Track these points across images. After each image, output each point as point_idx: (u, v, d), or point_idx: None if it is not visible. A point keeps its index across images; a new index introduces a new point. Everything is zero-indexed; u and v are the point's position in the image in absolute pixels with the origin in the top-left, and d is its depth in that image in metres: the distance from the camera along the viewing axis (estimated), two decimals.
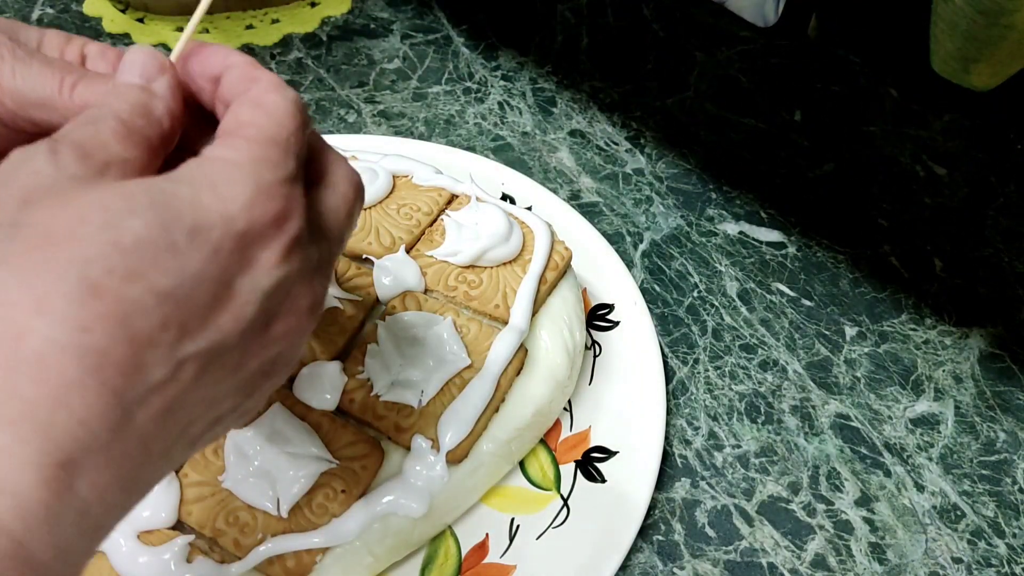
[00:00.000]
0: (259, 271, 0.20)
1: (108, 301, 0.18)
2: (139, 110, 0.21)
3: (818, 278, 0.49)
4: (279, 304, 0.21)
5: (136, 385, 0.18)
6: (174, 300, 0.19)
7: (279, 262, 0.20)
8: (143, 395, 0.18)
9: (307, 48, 0.63)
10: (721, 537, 0.39)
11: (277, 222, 0.20)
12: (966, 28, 0.39)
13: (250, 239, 0.20)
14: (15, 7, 0.65)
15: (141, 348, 0.18)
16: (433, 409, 0.36)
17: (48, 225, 0.18)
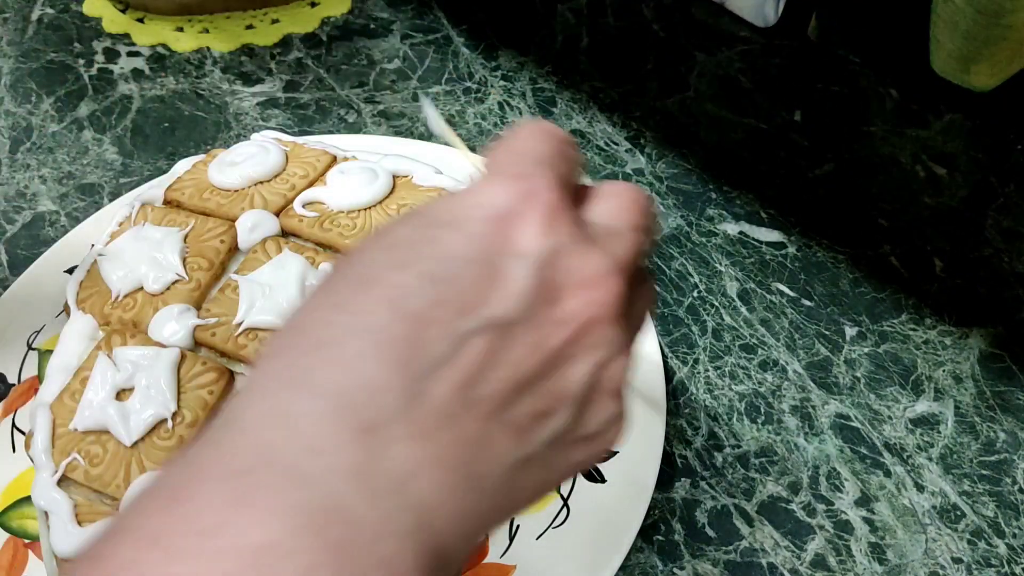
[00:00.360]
0: (521, 246, 0.21)
1: (383, 287, 0.20)
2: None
3: (818, 278, 0.49)
4: (556, 276, 0.21)
5: (420, 358, 0.19)
6: (442, 281, 0.20)
7: (539, 234, 0.21)
8: (430, 368, 0.19)
9: (307, 48, 0.63)
10: (721, 537, 0.39)
11: (527, 198, 0.21)
12: (966, 28, 0.39)
13: (505, 219, 0.21)
14: (15, 7, 0.65)
15: (418, 325, 0.20)
16: None
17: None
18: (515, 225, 0.21)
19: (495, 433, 0.20)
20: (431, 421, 0.19)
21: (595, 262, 0.21)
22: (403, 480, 0.19)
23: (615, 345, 0.22)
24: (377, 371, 0.19)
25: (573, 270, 0.21)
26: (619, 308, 0.21)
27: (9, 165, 0.54)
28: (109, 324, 0.38)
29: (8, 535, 0.38)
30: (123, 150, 0.55)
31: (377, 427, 0.19)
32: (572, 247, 0.21)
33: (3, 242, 0.50)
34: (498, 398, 0.20)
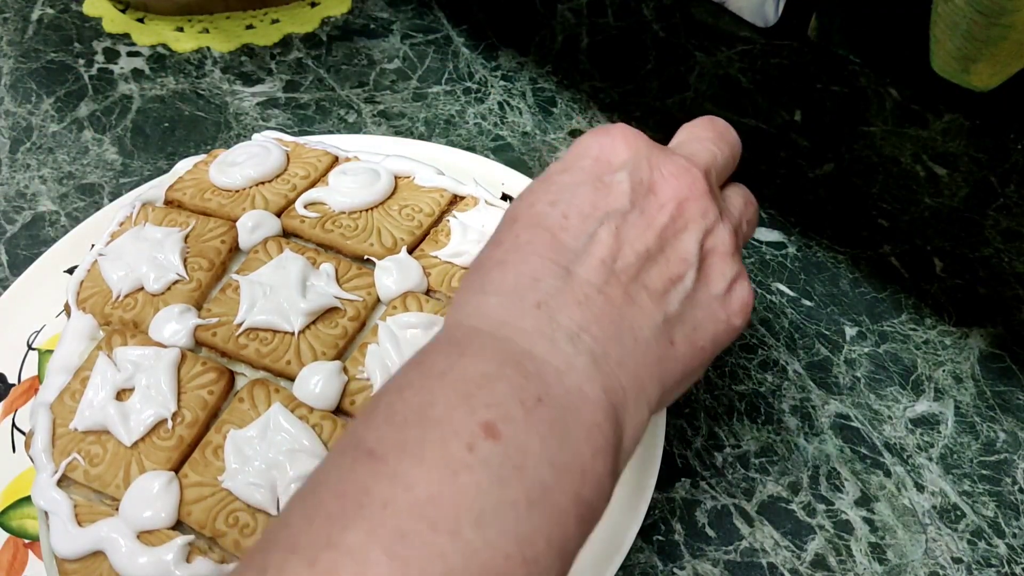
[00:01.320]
0: (615, 163, 0.28)
1: (525, 217, 0.27)
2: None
3: (818, 278, 0.49)
4: (647, 175, 0.28)
5: (564, 252, 0.26)
6: (563, 202, 0.27)
7: (625, 152, 0.28)
8: (574, 257, 0.26)
9: (307, 48, 0.63)
10: (721, 537, 0.39)
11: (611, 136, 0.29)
12: (966, 28, 0.39)
13: (598, 152, 0.29)
14: (15, 7, 0.65)
15: (555, 233, 0.27)
16: None
17: None
18: (606, 153, 0.29)
19: (638, 296, 0.26)
20: (585, 291, 0.25)
21: (675, 160, 0.28)
22: (574, 334, 0.24)
23: (712, 214, 0.28)
24: (534, 268, 0.26)
25: (659, 167, 0.28)
26: (705, 187, 0.28)
27: (9, 165, 0.54)
28: (109, 324, 0.38)
29: (8, 535, 0.38)
30: (123, 150, 0.55)
31: (544, 301, 0.25)
32: (654, 155, 0.28)
33: (3, 242, 0.50)
34: (632, 268, 0.26)
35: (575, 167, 0.29)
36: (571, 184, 0.28)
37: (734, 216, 0.30)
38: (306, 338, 0.36)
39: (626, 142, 0.29)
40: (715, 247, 0.28)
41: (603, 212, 0.27)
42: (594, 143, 0.29)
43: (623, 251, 0.26)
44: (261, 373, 0.36)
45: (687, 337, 0.27)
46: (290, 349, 0.36)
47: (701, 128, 0.31)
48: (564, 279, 0.25)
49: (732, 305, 0.28)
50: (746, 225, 0.31)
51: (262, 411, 0.35)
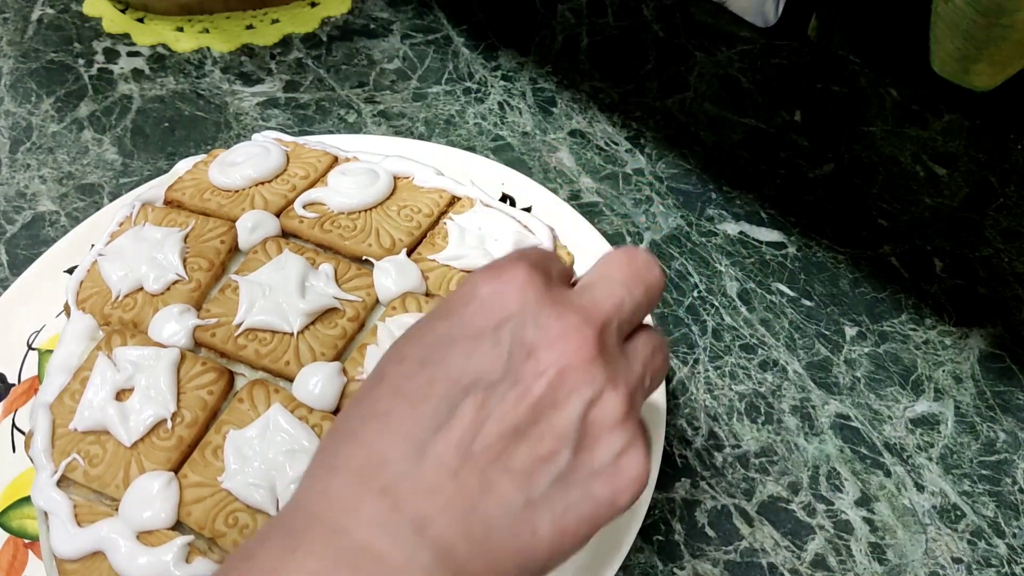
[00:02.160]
0: (496, 319, 0.25)
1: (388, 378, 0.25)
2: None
3: (818, 278, 0.49)
4: (529, 336, 0.25)
5: (420, 428, 0.24)
6: (431, 363, 0.25)
7: (510, 306, 0.25)
8: (430, 433, 0.24)
9: (307, 48, 0.63)
10: (721, 537, 0.39)
11: (501, 281, 0.26)
12: (966, 28, 0.39)
13: (482, 301, 0.26)
14: (15, 7, 0.65)
15: (415, 402, 0.24)
16: None
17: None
18: (490, 304, 0.25)
19: (498, 480, 0.23)
20: (436, 477, 0.23)
21: (565, 319, 0.25)
22: (420, 526, 0.23)
23: (600, 381, 0.24)
24: (386, 446, 0.24)
25: (544, 328, 0.25)
26: (593, 352, 0.25)
27: (9, 165, 0.54)
28: (109, 324, 0.38)
29: (8, 535, 0.38)
30: (123, 150, 0.55)
31: (391, 487, 0.23)
32: (542, 309, 0.25)
33: (3, 242, 0.50)
34: (493, 450, 0.24)
35: (457, 314, 0.26)
36: (445, 339, 0.25)
37: (633, 375, 0.26)
38: (305, 338, 0.36)
39: (517, 290, 0.25)
40: (601, 418, 0.25)
41: (471, 380, 0.24)
42: (484, 286, 0.26)
43: (486, 429, 0.24)
44: (260, 373, 0.36)
45: (555, 522, 0.24)
46: (289, 349, 0.36)
47: (617, 266, 0.27)
48: (416, 461, 0.23)
49: (618, 482, 0.25)
50: (649, 380, 0.27)
51: (262, 411, 0.35)
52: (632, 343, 0.27)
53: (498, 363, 0.24)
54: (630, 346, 0.27)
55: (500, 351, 0.25)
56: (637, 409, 0.26)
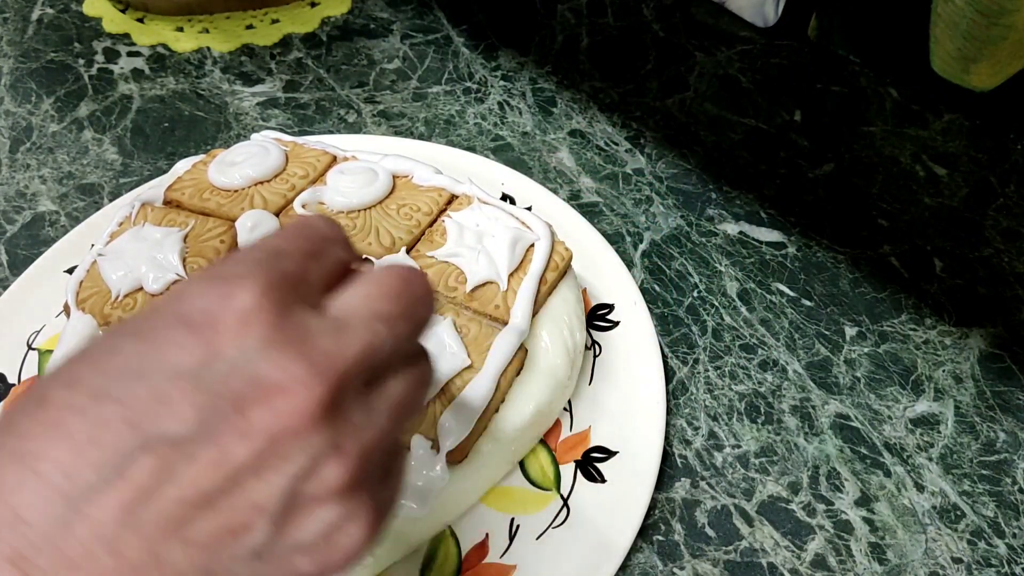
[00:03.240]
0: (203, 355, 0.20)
1: (51, 408, 0.20)
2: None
3: (818, 278, 0.49)
4: (241, 386, 0.20)
5: (78, 483, 0.19)
6: (110, 399, 0.19)
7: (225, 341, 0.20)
8: (89, 492, 0.19)
9: (307, 48, 0.63)
10: (721, 537, 0.39)
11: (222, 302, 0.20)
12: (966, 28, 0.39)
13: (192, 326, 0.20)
14: (15, 7, 0.65)
15: (80, 448, 0.19)
16: (433, 409, 0.36)
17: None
18: (201, 333, 0.20)
19: (168, 554, 0.19)
20: (86, 548, 0.19)
21: (291, 369, 0.20)
22: None
23: (317, 451, 0.20)
24: (30, 499, 0.19)
25: (262, 378, 0.20)
26: (319, 414, 0.20)
27: (9, 165, 0.54)
28: (109, 324, 0.38)
29: None
30: (123, 150, 0.55)
31: (24, 556, 0.18)
32: (265, 352, 0.20)
33: (3, 242, 0.50)
34: (170, 518, 0.19)
35: (155, 339, 0.20)
36: (133, 371, 0.20)
37: (372, 431, 0.21)
38: None
39: (239, 319, 0.20)
40: (313, 491, 0.20)
41: (155, 432, 0.19)
42: (198, 304, 0.20)
43: (162, 493, 0.19)
44: None
45: None
46: None
47: (387, 296, 0.23)
48: (62, 522, 0.19)
49: (327, 557, 0.21)
50: (395, 422, 0.22)
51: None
52: (383, 386, 0.22)
53: (191, 419, 0.19)
54: (378, 392, 0.22)
55: (199, 400, 0.19)
56: (373, 469, 0.21)
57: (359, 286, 0.23)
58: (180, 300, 0.21)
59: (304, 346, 0.20)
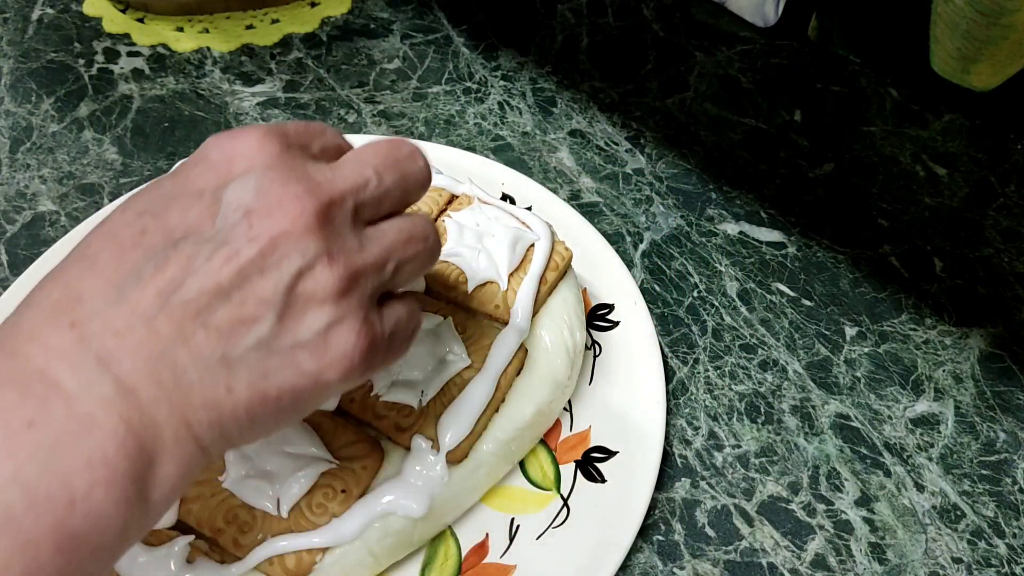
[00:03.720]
0: (220, 179, 0.26)
1: (105, 225, 0.26)
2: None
3: (818, 278, 0.49)
4: (250, 200, 0.25)
5: (124, 273, 0.24)
6: (148, 214, 0.25)
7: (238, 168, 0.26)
8: (133, 280, 0.24)
9: (307, 48, 0.63)
10: (721, 537, 0.39)
11: (235, 142, 0.26)
12: (966, 28, 0.39)
13: (212, 161, 0.26)
14: (15, 7, 0.65)
15: (125, 249, 0.25)
16: (433, 409, 0.36)
17: None
18: (217, 166, 0.26)
19: (193, 334, 0.24)
20: (128, 321, 0.23)
21: (288, 186, 0.25)
22: (104, 361, 0.23)
23: (313, 253, 0.25)
24: (86, 286, 0.24)
25: (264, 193, 0.25)
26: (311, 222, 0.25)
27: (9, 165, 0.54)
28: None
29: None
30: (123, 150, 0.55)
31: (81, 323, 0.23)
32: (267, 174, 0.25)
33: (3, 242, 0.50)
34: (192, 304, 0.24)
35: (184, 174, 0.26)
36: (170, 194, 0.26)
37: (365, 255, 0.26)
38: None
39: (249, 153, 0.26)
40: (310, 290, 0.25)
41: (182, 234, 0.24)
42: (215, 147, 0.26)
43: (188, 284, 0.24)
44: None
45: (253, 384, 0.24)
46: None
47: (374, 151, 0.28)
48: (112, 303, 0.24)
49: (324, 356, 0.25)
50: (402, 264, 0.27)
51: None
52: (378, 227, 0.27)
53: (210, 223, 0.25)
54: (374, 229, 0.27)
55: (215, 210, 0.25)
56: (362, 291, 0.26)
57: (350, 154, 0.28)
58: (201, 149, 0.26)
59: (300, 172, 0.26)
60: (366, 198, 0.27)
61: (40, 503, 0.21)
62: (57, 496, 0.21)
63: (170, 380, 0.23)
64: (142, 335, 0.23)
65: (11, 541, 0.20)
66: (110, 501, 0.22)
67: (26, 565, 0.21)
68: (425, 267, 0.29)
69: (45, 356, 0.23)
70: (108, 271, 0.24)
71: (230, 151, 0.26)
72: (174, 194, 0.25)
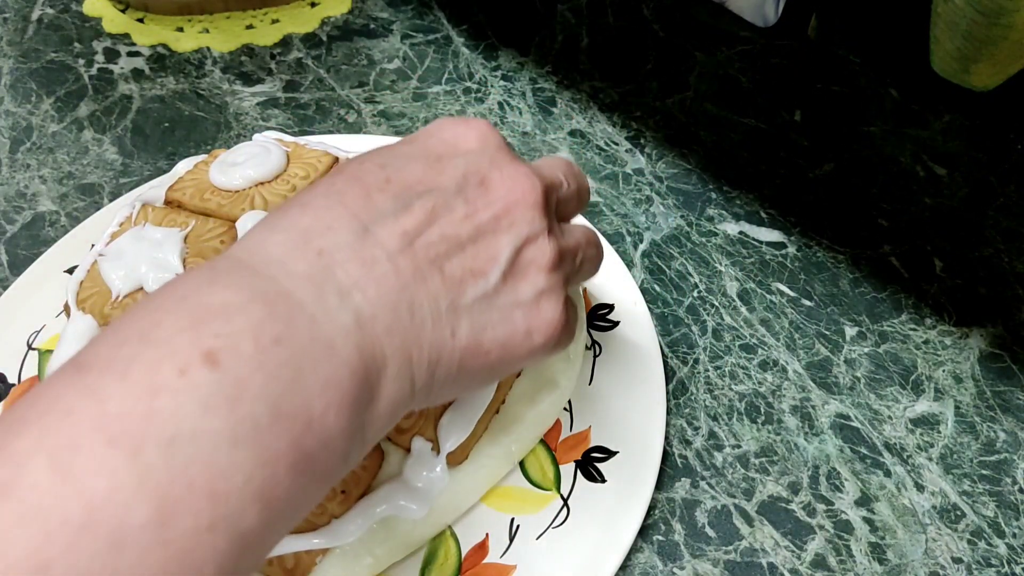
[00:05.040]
0: (461, 148, 0.28)
1: (350, 170, 0.27)
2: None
3: (818, 278, 0.49)
4: (488, 171, 0.27)
5: (370, 211, 0.25)
6: (392, 167, 0.27)
7: (475, 141, 0.28)
8: (379, 218, 0.25)
9: (307, 48, 0.63)
10: (721, 537, 0.39)
11: (469, 127, 0.29)
12: (966, 28, 0.39)
13: (449, 136, 0.29)
14: (15, 7, 0.65)
15: (371, 191, 0.26)
16: (433, 410, 0.36)
17: None
18: (456, 139, 0.28)
19: (430, 276, 0.25)
20: (374, 253, 0.25)
21: (518, 167, 0.28)
22: (346, 290, 0.24)
23: (539, 226, 0.27)
24: (334, 217, 0.25)
25: (500, 167, 0.27)
26: (539, 199, 0.27)
27: (9, 165, 0.54)
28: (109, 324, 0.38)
29: None
30: (123, 150, 0.55)
31: (328, 251, 0.24)
32: (501, 155, 0.28)
33: (3, 242, 0.50)
34: (434, 249, 0.25)
35: (419, 142, 0.28)
36: (408, 155, 0.28)
37: (568, 242, 0.29)
38: None
39: (479, 135, 0.28)
40: (533, 258, 0.27)
41: (426, 187, 0.26)
42: (448, 127, 0.29)
43: (431, 230, 0.26)
44: None
45: (473, 334, 0.26)
46: None
47: (557, 162, 0.31)
48: (359, 235, 0.25)
49: (535, 318, 0.27)
50: (584, 261, 0.30)
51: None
52: (569, 225, 0.30)
53: (452, 182, 0.27)
54: (567, 226, 0.30)
55: (456, 173, 0.27)
56: (565, 271, 0.28)
57: (539, 161, 0.31)
58: (434, 125, 0.29)
59: (522, 161, 0.29)
60: (562, 195, 0.30)
61: (283, 419, 0.21)
62: (297, 415, 0.21)
63: (406, 314, 0.24)
64: (386, 268, 0.24)
65: (255, 454, 0.20)
66: (339, 427, 0.22)
67: (265, 480, 0.20)
68: (596, 270, 0.32)
69: (292, 280, 0.23)
70: (356, 207, 0.25)
71: (464, 131, 0.28)
72: (413, 156, 0.27)
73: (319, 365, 0.22)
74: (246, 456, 0.20)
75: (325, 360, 0.22)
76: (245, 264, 0.24)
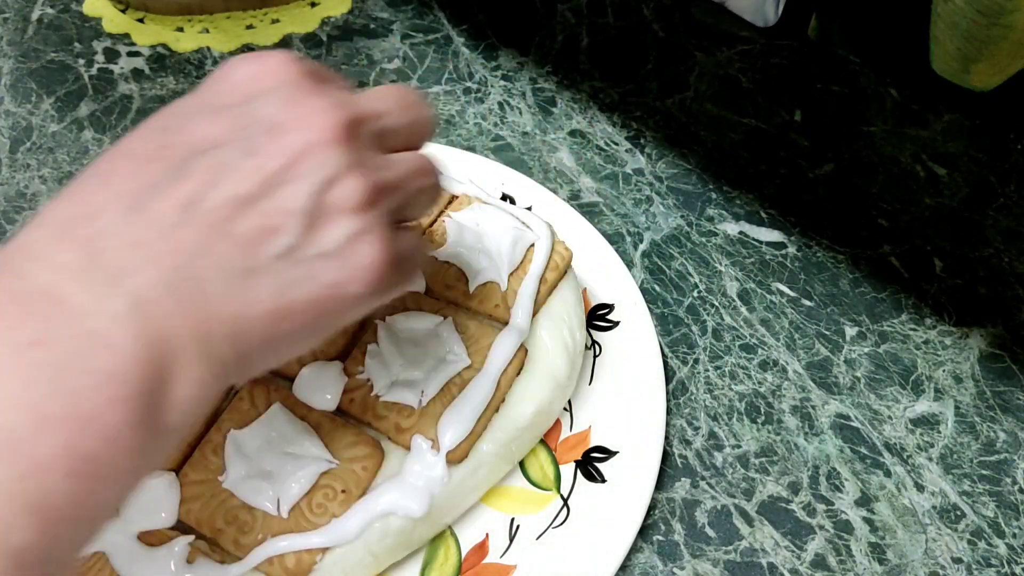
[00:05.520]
0: (244, 93, 0.26)
1: (122, 142, 0.25)
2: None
3: (818, 278, 0.49)
4: (276, 113, 0.25)
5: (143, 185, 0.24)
6: (168, 129, 0.25)
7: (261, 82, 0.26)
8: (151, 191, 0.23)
9: (307, 48, 0.63)
10: (721, 537, 0.39)
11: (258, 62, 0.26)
12: (966, 28, 0.39)
13: (235, 78, 0.26)
14: (15, 7, 0.65)
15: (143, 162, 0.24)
16: (433, 409, 0.36)
17: None
18: (243, 84, 0.26)
19: (217, 243, 0.23)
20: (148, 232, 0.23)
21: (317, 101, 0.25)
22: (118, 276, 0.22)
23: (340, 164, 0.24)
24: (100, 201, 0.23)
25: (292, 105, 0.25)
26: (339, 135, 0.25)
27: (9, 165, 0.54)
28: None
29: None
30: None
31: (94, 238, 0.22)
32: (297, 91, 0.25)
33: (3, 242, 0.50)
34: (217, 213, 0.23)
35: (208, 91, 0.26)
36: (191, 110, 0.25)
37: (387, 174, 0.26)
38: None
39: (274, 72, 0.26)
40: (335, 201, 0.24)
41: (208, 145, 0.24)
42: (240, 68, 0.26)
43: (213, 192, 0.23)
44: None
45: (275, 296, 0.24)
46: None
47: (388, 91, 0.28)
48: (128, 216, 0.23)
49: (347, 268, 0.25)
50: (417, 192, 0.28)
51: (262, 410, 0.35)
52: (395, 156, 0.27)
53: (237, 134, 0.24)
54: (394, 156, 0.27)
55: (242, 123, 0.24)
56: (385, 207, 0.26)
57: (366, 91, 0.28)
58: (223, 69, 0.26)
59: (325, 90, 0.26)
60: (384, 126, 0.27)
61: (48, 424, 0.20)
62: (66, 416, 0.20)
63: (190, 292, 0.23)
64: (161, 247, 0.23)
65: (17, 465, 0.19)
66: (123, 421, 0.21)
67: (37, 490, 0.19)
68: (433, 202, 0.29)
69: (53, 274, 0.22)
70: (125, 184, 0.23)
71: (255, 69, 0.26)
72: (197, 110, 0.25)
73: (89, 360, 0.21)
74: (6, 470, 0.19)
75: (96, 354, 0.21)
76: (3, 265, 0.22)
